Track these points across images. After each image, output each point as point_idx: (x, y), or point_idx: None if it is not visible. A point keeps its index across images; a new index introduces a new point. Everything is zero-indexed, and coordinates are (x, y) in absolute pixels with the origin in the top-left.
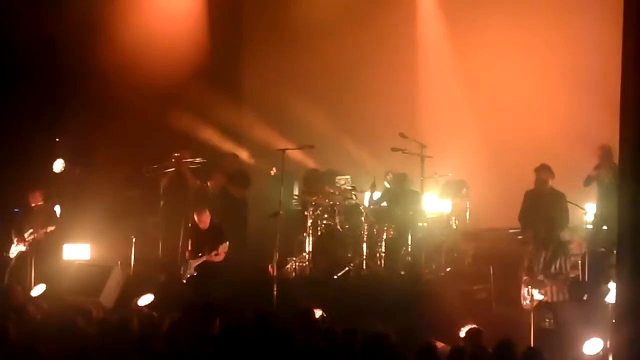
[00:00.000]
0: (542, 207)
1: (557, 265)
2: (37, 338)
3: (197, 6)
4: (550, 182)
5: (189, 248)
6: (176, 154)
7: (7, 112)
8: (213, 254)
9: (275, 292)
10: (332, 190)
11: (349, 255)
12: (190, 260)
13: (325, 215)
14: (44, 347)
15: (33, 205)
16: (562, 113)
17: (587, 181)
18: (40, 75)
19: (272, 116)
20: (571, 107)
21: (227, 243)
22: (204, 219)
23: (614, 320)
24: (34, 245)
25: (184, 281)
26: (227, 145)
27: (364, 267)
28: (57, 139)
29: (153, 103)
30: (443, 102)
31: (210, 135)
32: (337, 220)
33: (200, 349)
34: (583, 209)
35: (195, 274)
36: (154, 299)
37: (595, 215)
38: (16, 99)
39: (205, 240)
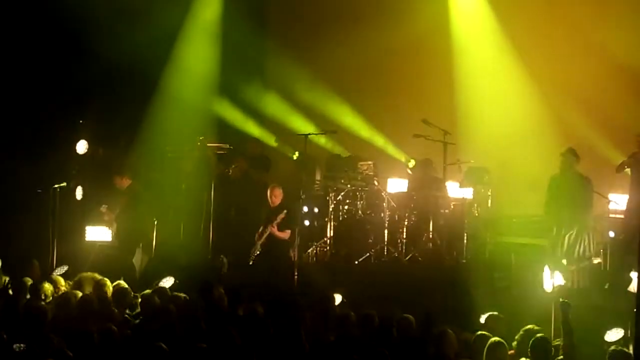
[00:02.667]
0: (566, 191)
1: (581, 250)
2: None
3: None
4: (576, 167)
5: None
6: (201, 138)
7: (31, 93)
8: (270, 227)
9: (296, 277)
10: (354, 176)
11: (370, 241)
12: (258, 240)
13: (347, 201)
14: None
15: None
16: (587, 100)
17: (620, 167)
18: (65, 57)
19: (295, 101)
20: (596, 95)
21: (284, 212)
22: (277, 195)
23: (635, 309)
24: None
25: (251, 262)
26: (250, 130)
27: (385, 253)
28: (81, 121)
29: (178, 85)
30: (466, 89)
31: (234, 120)
32: (358, 206)
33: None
34: (606, 197)
35: (259, 252)
36: (175, 281)
37: (629, 202)
38: (40, 80)
39: (272, 218)
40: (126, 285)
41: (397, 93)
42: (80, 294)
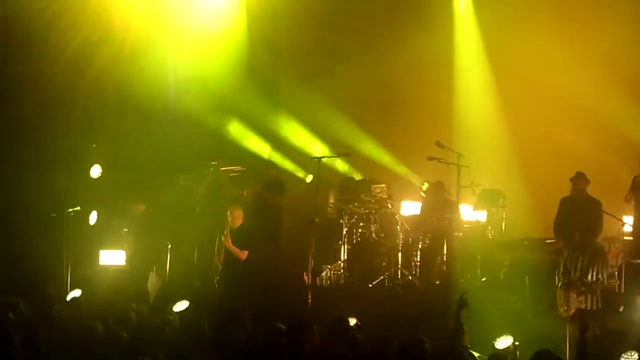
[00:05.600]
0: (577, 214)
1: (595, 273)
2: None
3: (236, 15)
4: (587, 190)
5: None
6: (214, 162)
7: (45, 118)
8: (223, 239)
9: (309, 300)
10: (367, 199)
11: (384, 264)
12: (216, 257)
13: (361, 224)
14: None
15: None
16: (596, 123)
17: (630, 196)
18: (78, 82)
19: (308, 124)
20: (605, 117)
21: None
22: (235, 216)
23: None
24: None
25: (215, 281)
26: (264, 153)
27: (399, 276)
28: (94, 145)
29: (190, 110)
30: (479, 111)
31: (247, 143)
32: (372, 229)
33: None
34: (620, 220)
35: (219, 268)
36: (189, 305)
37: (634, 227)
38: (54, 105)
39: (232, 238)
40: None
41: (411, 116)
42: None
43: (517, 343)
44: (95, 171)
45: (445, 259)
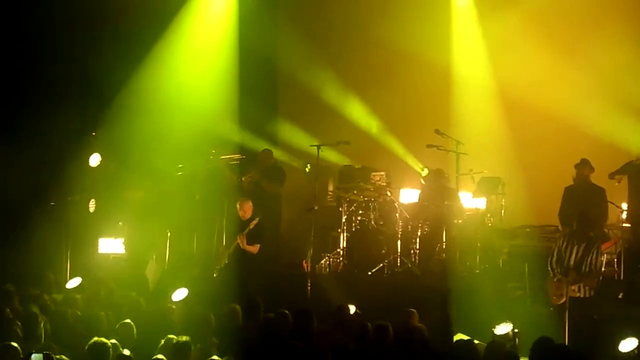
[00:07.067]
0: (580, 203)
1: (589, 263)
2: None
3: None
4: (591, 177)
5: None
6: (213, 151)
7: (44, 106)
8: (238, 240)
9: (309, 288)
10: (367, 187)
11: (383, 251)
12: (224, 249)
13: (360, 212)
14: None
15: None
16: (597, 112)
17: (616, 173)
18: (78, 70)
19: (307, 112)
20: (605, 109)
21: (256, 219)
22: (246, 209)
23: None
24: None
25: (217, 269)
26: (262, 141)
27: (398, 263)
28: (93, 133)
29: (188, 98)
30: (478, 99)
31: (245, 131)
32: (371, 217)
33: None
34: (620, 207)
35: (227, 262)
36: (188, 293)
37: (628, 212)
38: (53, 93)
39: (242, 231)
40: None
41: (410, 104)
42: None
43: (516, 330)
44: (95, 159)
45: (444, 246)
